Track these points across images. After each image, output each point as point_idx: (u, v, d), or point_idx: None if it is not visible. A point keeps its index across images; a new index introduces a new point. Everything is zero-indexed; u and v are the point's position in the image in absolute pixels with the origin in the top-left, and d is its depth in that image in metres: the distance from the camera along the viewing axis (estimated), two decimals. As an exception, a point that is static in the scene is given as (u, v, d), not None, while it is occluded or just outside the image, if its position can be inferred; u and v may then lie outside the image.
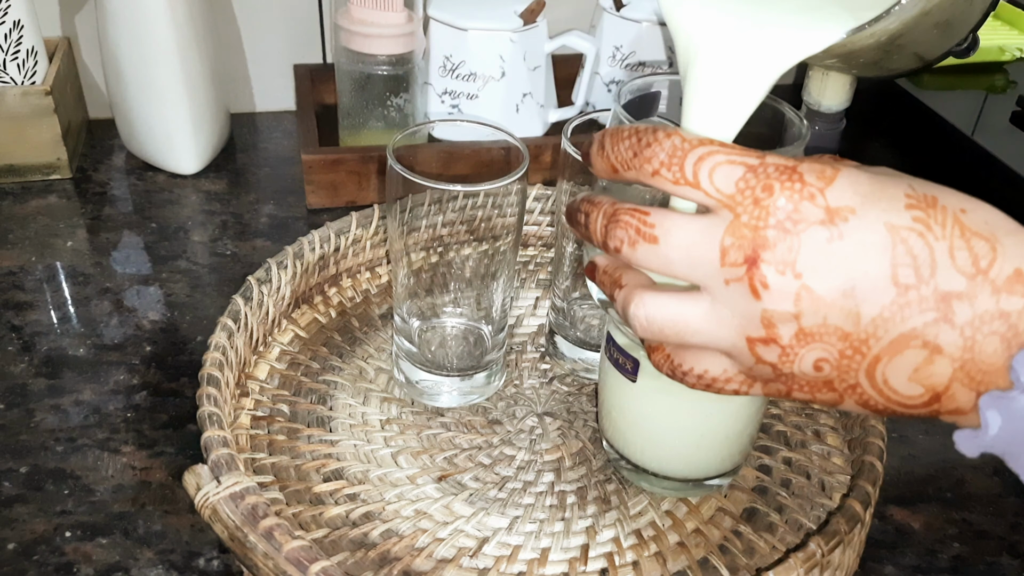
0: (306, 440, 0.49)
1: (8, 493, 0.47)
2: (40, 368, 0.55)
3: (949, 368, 0.29)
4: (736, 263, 0.30)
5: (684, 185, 0.31)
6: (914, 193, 0.30)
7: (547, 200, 0.65)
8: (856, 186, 0.30)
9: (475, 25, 0.72)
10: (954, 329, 0.29)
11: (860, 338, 0.30)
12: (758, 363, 0.32)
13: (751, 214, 0.30)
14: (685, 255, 0.31)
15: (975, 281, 0.29)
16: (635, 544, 0.45)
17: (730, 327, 0.31)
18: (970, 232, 0.29)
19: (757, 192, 0.30)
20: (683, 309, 0.32)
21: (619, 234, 0.33)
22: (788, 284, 0.29)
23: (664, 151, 0.31)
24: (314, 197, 0.70)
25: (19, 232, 0.66)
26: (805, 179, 0.30)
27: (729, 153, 0.31)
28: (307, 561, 0.36)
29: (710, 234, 0.31)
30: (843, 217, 0.29)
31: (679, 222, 0.31)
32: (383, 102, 0.71)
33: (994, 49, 0.88)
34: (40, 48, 0.71)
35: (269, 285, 0.53)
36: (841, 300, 0.29)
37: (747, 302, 0.30)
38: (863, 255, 0.29)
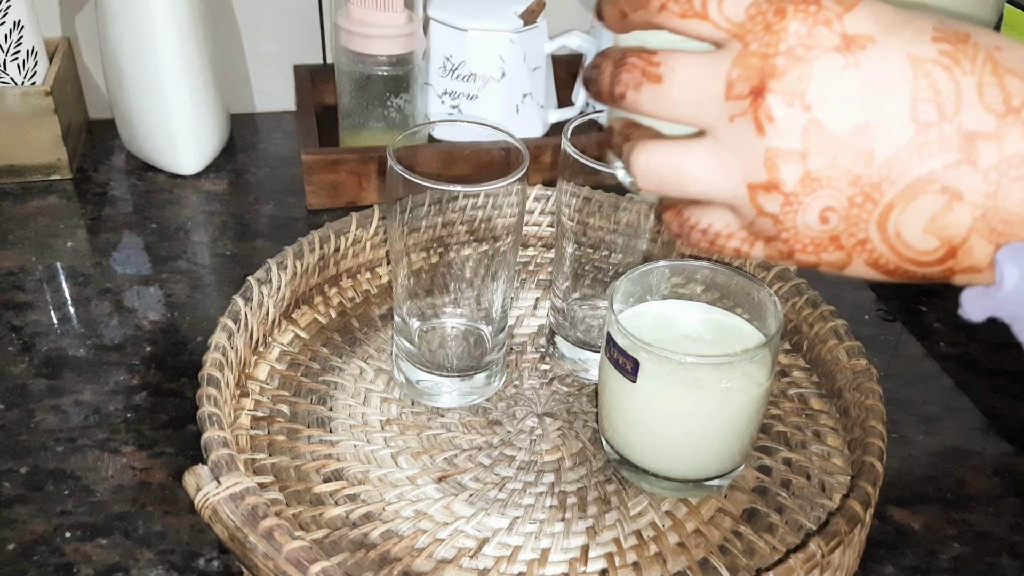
0: (306, 441, 0.49)
1: (8, 493, 0.47)
2: (40, 368, 0.55)
3: (969, 216, 0.27)
4: (741, 95, 0.28)
5: (692, 17, 0.29)
6: (943, 27, 0.27)
7: (547, 200, 0.65)
8: (878, 15, 0.27)
9: (475, 26, 0.72)
10: (977, 172, 0.26)
11: (872, 182, 0.27)
12: (760, 215, 0.29)
13: (761, 41, 0.27)
14: (691, 94, 0.29)
15: (1005, 120, 0.26)
16: (635, 544, 0.45)
17: (732, 172, 0.29)
18: (1003, 69, 0.26)
19: (769, 17, 0.27)
20: (684, 154, 0.30)
21: (624, 77, 0.30)
22: (796, 117, 0.27)
23: None
24: (314, 197, 0.70)
25: (19, 232, 0.66)
26: (823, 2, 0.27)
27: None
28: (307, 561, 0.36)
29: (717, 68, 0.28)
30: (861, 45, 0.27)
31: (685, 58, 0.29)
32: (383, 102, 0.71)
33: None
34: (40, 48, 0.71)
35: (269, 285, 0.53)
36: (854, 137, 0.27)
37: (751, 139, 0.28)
38: (881, 87, 0.27)
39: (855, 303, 0.65)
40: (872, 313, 0.64)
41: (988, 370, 0.60)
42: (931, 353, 0.61)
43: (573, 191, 0.52)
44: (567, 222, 0.54)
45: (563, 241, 0.55)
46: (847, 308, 0.64)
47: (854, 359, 0.51)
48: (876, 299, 0.66)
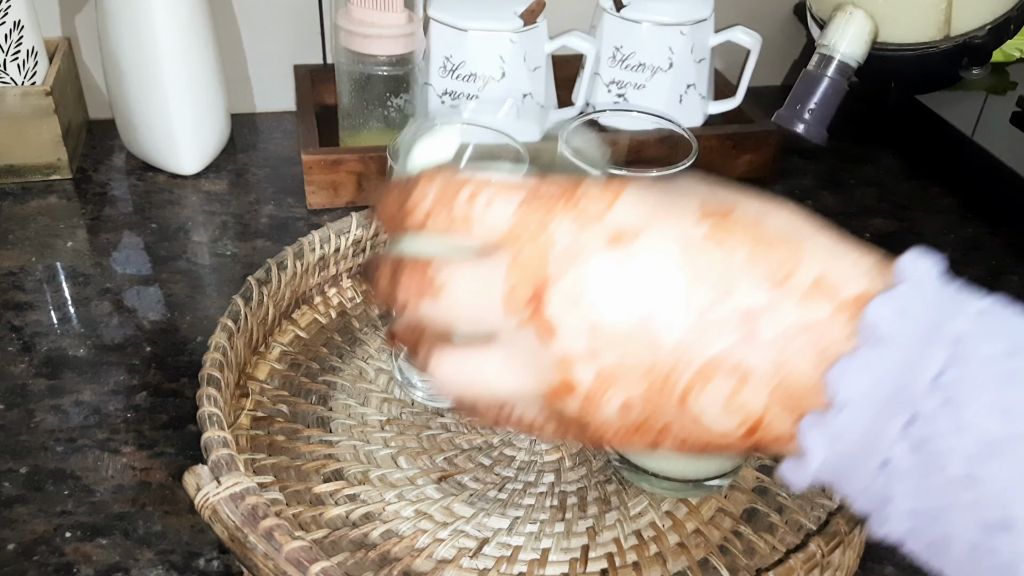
0: (306, 441, 0.49)
1: (8, 493, 0.47)
2: (40, 368, 0.55)
3: (763, 391, 0.26)
4: (520, 305, 0.27)
5: (459, 226, 0.28)
6: (709, 203, 0.27)
7: (547, 200, 0.65)
8: (643, 203, 0.27)
9: (475, 26, 0.72)
10: (761, 348, 0.26)
11: (665, 370, 0.27)
12: (557, 419, 0.29)
13: (531, 248, 0.27)
14: (469, 304, 0.28)
15: (777, 292, 0.26)
16: (635, 545, 0.45)
17: (528, 377, 0.28)
18: (767, 240, 0.27)
19: (535, 223, 0.27)
20: (480, 364, 0.29)
21: (403, 290, 0.30)
22: (578, 320, 0.27)
23: (431, 193, 0.29)
24: (314, 197, 0.70)
25: (19, 232, 0.66)
26: (585, 202, 0.27)
27: (501, 185, 0.28)
28: (307, 561, 0.36)
29: (492, 276, 0.28)
30: (629, 239, 0.27)
31: (460, 269, 0.28)
32: (383, 103, 0.71)
33: (994, 49, 0.88)
34: (40, 48, 0.71)
35: (269, 286, 0.53)
36: (638, 330, 0.26)
37: (538, 348, 0.27)
38: (655, 278, 0.26)
39: (855, 303, 0.65)
40: (872, 313, 0.64)
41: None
42: (931, 353, 0.61)
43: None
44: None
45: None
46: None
47: (854, 359, 0.51)
48: (876, 299, 0.65)
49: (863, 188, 0.78)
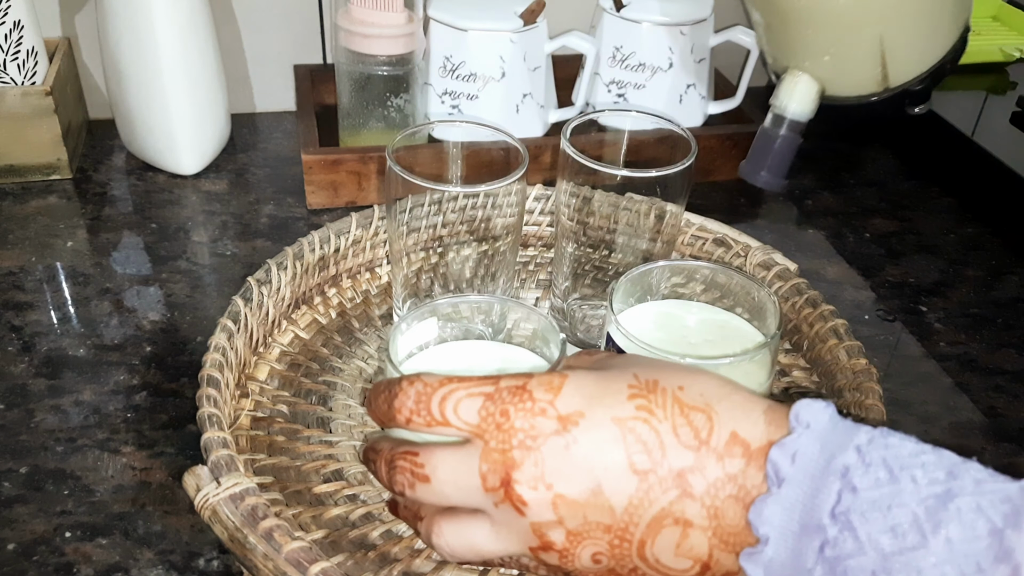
0: (306, 441, 0.49)
1: (8, 493, 0.47)
2: (40, 368, 0.55)
3: (704, 538, 0.31)
4: (494, 487, 0.33)
5: (437, 425, 0.34)
6: (636, 382, 0.33)
7: (547, 200, 0.65)
8: (582, 389, 0.33)
9: (475, 25, 0.72)
10: (695, 501, 0.31)
11: (621, 527, 0.32)
12: (544, 566, 0.34)
13: (496, 439, 0.33)
14: (455, 487, 0.34)
15: (700, 452, 0.31)
16: (635, 545, 0.45)
17: (513, 541, 0.34)
18: (687, 407, 0.32)
19: (497, 418, 0.33)
20: (473, 534, 0.34)
21: (399, 479, 0.35)
22: (542, 496, 0.32)
23: (410, 398, 0.34)
24: (314, 197, 0.70)
25: (19, 232, 0.66)
26: (535, 395, 0.33)
27: (467, 387, 0.34)
28: (307, 562, 0.36)
29: (469, 464, 0.33)
30: (574, 422, 0.32)
31: (442, 457, 0.34)
32: (383, 102, 0.71)
33: (994, 50, 0.88)
34: (40, 48, 0.71)
35: (269, 286, 0.53)
36: (592, 498, 0.32)
37: (516, 519, 0.33)
38: (599, 452, 0.32)
39: (855, 303, 0.65)
40: (872, 313, 0.64)
41: (988, 370, 0.60)
42: (931, 353, 0.61)
43: (573, 191, 0.52)
44: (567, 222, 0.54)
45: (563, 241, 0.55)
46: (847, 308, 0.64)
47: (854, 359, 0.51)
48: (876, 299, 0.66)
49: (863, 188, 0.78)
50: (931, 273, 0.69)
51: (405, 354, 0.45)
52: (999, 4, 0.95)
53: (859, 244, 0.71)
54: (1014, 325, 0.64)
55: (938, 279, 0.68)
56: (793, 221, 0.74)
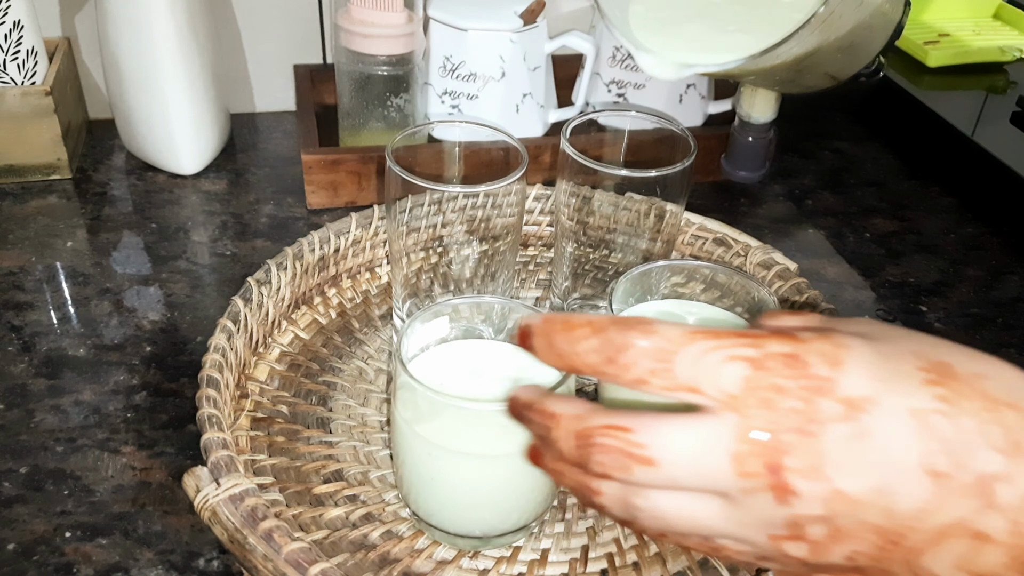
0: (306, 441, 0.49)
1: (8, 493, 0.47)
2: (40, 368, 0.55)
3: (998, 556, 0.27)
4: (755, 472, 0.27)
5: (680, 391, 0.28)
6: (927, 365, 0.28)
7: (547, 200, 0.65)
8: (869, 368, 0.28)
9: (475, 25, 0.72)
10: (998, 513, 0.26)
11: (896, 531, 0.27)
12: (782, 555, 0.29)
13: (763, 418, 0.27)
14: (692, 471, 0.28)
15: (1013, 459, 0.27)
16: (635, 545, 0.45)
17: (751, 527, 0.29)
18: (997, 403, 0.27)
19: (766, 393, 0.27)
20: (697, 508, 0.29)
21: (603, 459, 0.29)
22: (818, 489, 0.27)
23: (647, 357, 0.28)
24: (314, 197, 0.70)
25: (19, 232, 0.66)
26: (814, 370, 0.27)
27: (725, 346, 0.28)
28: (306, 563, 0.36)
29: (717, 443, 0.28)
30: (863, 408, 0.27)
31: (674, 435, 0.28)
32: (383, 102, 0.71)
33: (994, 49, 0.88)
34: (40, 48, 0.71)
35: (269, 286, 0.53)
36: (875, 497, 0.27)
37: (771, 508, 0.28)
38: (891, 448, 0.27)
39: (855, 303, 0.65)
40: (872, 313, 0.64)
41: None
42: (931, 353, 0.61)
43: (572, 191, 0.52)
44: (567, 222, 0.54)
45: (563, 241, 0.55)
46: (847, 308, 0.64)
47: (854, 359, 0.51)
48: (876, 299, 0.66)
49: (863, 188, 0.78)
50: (931, 273, 0.69)
51: (413, 355, 0.45)
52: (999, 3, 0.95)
53: (859, 244, 0.71)
54: (1014, 325, 0.64)
55: (938, 279, 0.68)
56: (793, 221, 0.74)
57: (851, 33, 0.52)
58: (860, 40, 0.59)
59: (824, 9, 0.44)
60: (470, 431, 0.40)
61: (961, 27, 0.92)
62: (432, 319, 0.45)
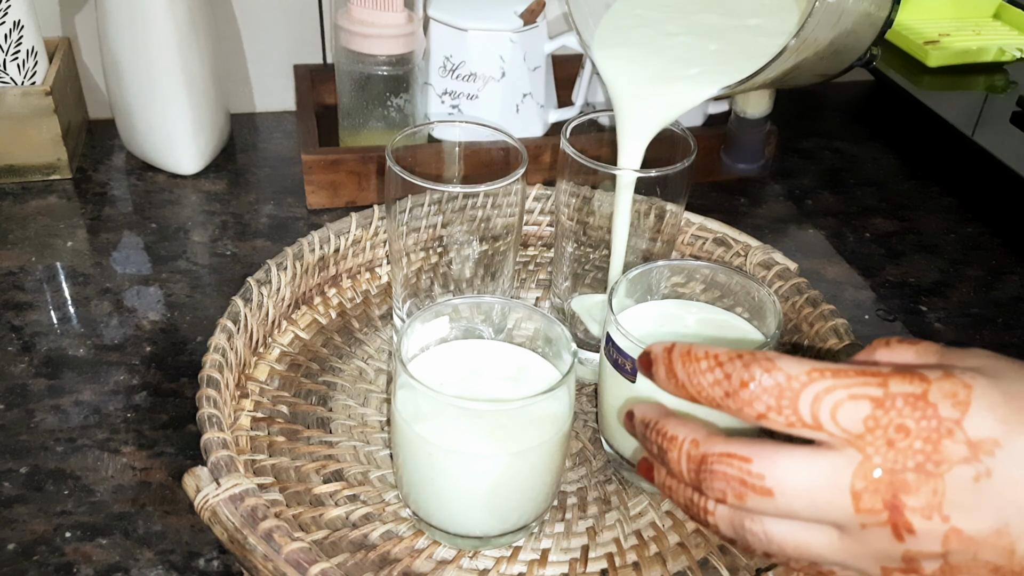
0: (306, 441, 0.49)
1: (8, 493, 0.47)
2: (40, 368, 0.55)
3: None
4: (874, 509, 0.28)
5: (801, 427, 0.29)
6: None
7: (547, 200, 0.65)
8: (993, 409, 0.28)
9: (475, 25, 0.71)
10: None
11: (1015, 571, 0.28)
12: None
13: (885, 456, 0.28)
14: (808, 503, 0.29)
15: None
16: (635, 545, 0.45)
17: (863, 557, 0.29)
18: None
19: (890, 433, 0.28)
20: (811, 538, 0.30)
21: (719, 486, 0.30)
22: (935, 528, 0.28)
23: (769, 393, 0.29)
24: (314, 197, 0.70)
25: (19, 232, 0.66)
26: (940, 412, 0.28)
27: (848, 385, 0.28)
28: (307, 563, 0.36)
29: (836, 478, 0.28)
30: (988, 451, 0.27)
31: (793, 468, 0.29)
32: (383, 102, 0.71)
33: (994, 49, 0.88)
34: (40, 48, 0.71)
35: (269, 286, 0.53)
36: (994, 538, 0.28)
37: (887, 543, 0.28)
38: (1014, 490, 0.27)
39: (855, 303, 0.65)
40: (872, 313, 0.64)
41: (988, 370, 0.59)
42: (931, 353, 0.61)
43: (572, 191, 0.52)
44: (566, 222, 0.54)
45: (563, 241, 0.54)
46: (847, 308, 0.64)
47: (854, 359, 0.51)
48: (876, 299, 0.65)
49: (863, 188, 0.78)
50: (931, 273, 0.68)
51: (413, 355, 0.45)
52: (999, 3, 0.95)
53: (859, 244, 0.71)
54: (1014, 325, 0.64)
55: (938, 279, 0.68)
56: (793, 221, 0.74)
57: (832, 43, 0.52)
58: (844, 46, 0.59)
59: (795, 41, 0.44)
60: (470, 431, 0.40)
61: (961, 27, 0.92)
62: (432, 319, 0.45)
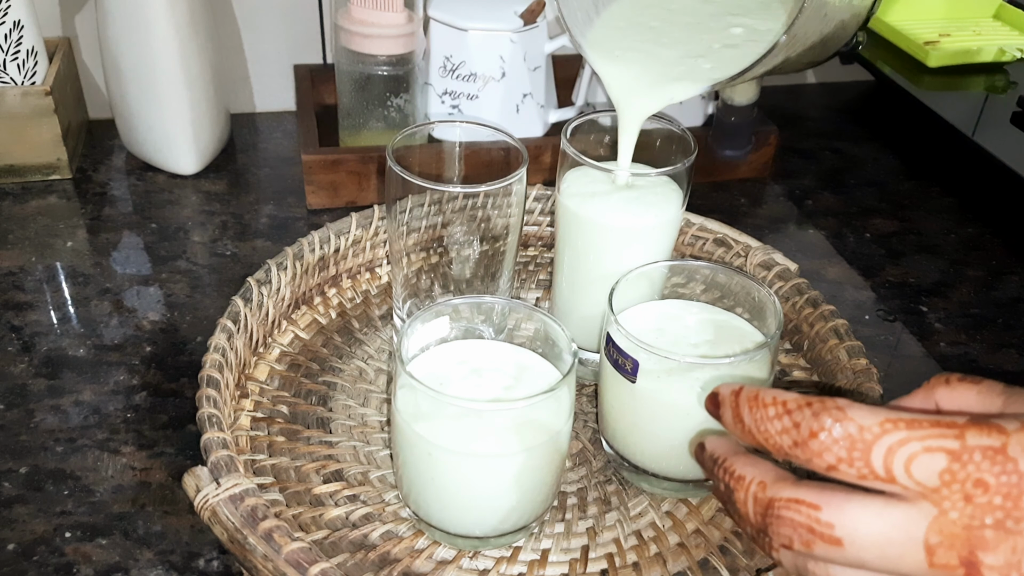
0: (306, 441, 0.49)
1: (8, 493, 0.47)
2: (40, 368, 0.55)
3: None
4: (949, 565, 0.27)
5: (874, 480, 0.28)
6: None
7: (547, 200, 0.65)
8: None
9: (475, 25, 0.71)
10: None
11: None
12: None
13: (962, 511, 0.27)
14: (879, 554, 0.28)
15: None
16: (636, 545, 0.45)
17: None
18: None
19: (968, 488, 0.27)
20: None
21: (787, 532, 0.29)
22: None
23: (840, 445, 0.28)
24: (314, 197, 0.70)
25: (19, 232, 0.66)
26: (1020, 466, 0.27)
27: (922, 437, 0.27)
28: (306, 563, 0.36)
29: (910, 531, 0.27)
30: None
31: (865, 519, 0.28)
32: (383, 102, 0.71)
33: (994, 49, 0.88)
34: (40, 48, 0.71)
35: (269, 286, 0.53)
36: None
37: None
38: None
39: (855, 303, 0.65)
40: (872, 313, 0.64)
41: (988, 370, 0.59)
42: (931, 353, 0.61)
43: (573, 191, 0.52)
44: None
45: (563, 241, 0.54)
46: (847, 308, 0.64)
47: (854, 359, 0.51)
48: (876, 299, 0.65)
49: (863, 188, 0.78)
50: (931, 273, 0.68)
51: (413, 355, 0.45)
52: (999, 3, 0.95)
53: (859, 244, 0.71)
54: (1014, 325, 0.64)
55: (938, 279, 0.68)
56: (793, 221, 0.74)
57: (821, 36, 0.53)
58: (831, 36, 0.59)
59: (785, 38, 0.44)
60: (470, 431, 0.40)
61: (961, 27, 0.92)
62: (432, 319, 0.45)
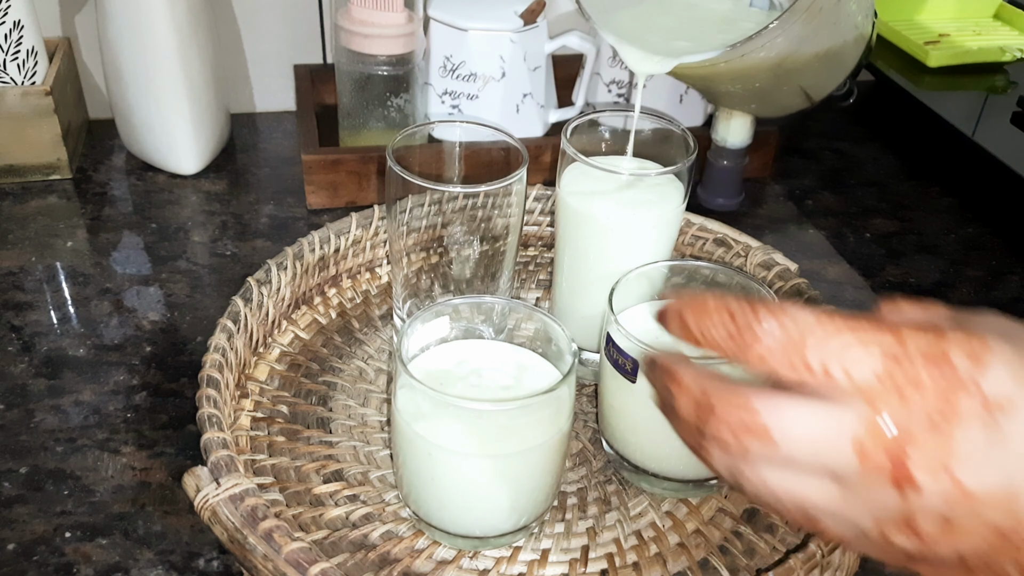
0: (306, 441, 0.49)
1: (8, 493, 0.47)
2: (40, 368, 0.55)
3: None
4: (878, 461, 0.27)
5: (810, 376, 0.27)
6: None
7: (547, 200, 0.65)
8: (1010, 368, 0.27)
9: (475, 25, 0.71)
10: None
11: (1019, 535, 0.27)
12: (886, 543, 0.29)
13: (894, 409, 0.27)
14: (810, 451, 0.28)
15: None
16: (636, 545, 0.45)
17: (858, 511, 0.28)
18: None
19: (903, 387, 0.27)
20: (808, 489, 0.29)
21: (724, 435, 0.29)
22: (940, 484, 0.27)
23: (777, 340, 0.28)
24: (314, 197, 0.70)
25: (19, 232, 0.66)
26: (957, 369, 0.27)
27: (861, 337, 0.27)
28: (306, 563, 0.36)
29: (840, 429, 0.27)
30: (1000, 408, 0.26)
31: (799, 419, 0.28)
32: (383, 102, 0.71)
33: (994, 49, 0.88)
34: (40, 48, 0.71)
35: (269, 286, 0.53)
36: (999, 498, 0.27)
37: (887, 497, 0.27)
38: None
39: (855, 303, 0.65)
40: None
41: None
42: (931, 353, 0.61)
43: (573, 191, 0.52)
44: (567, 222, 0.54)
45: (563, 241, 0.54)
46: (847, 308, 0.64)
47: (854, 359, 0.51)
48: (876, 299, 0.65)
49: (863, 188, 0.78)
50: (931, 273, 0.68)
51: (413, 355, 0.45)
52: (999, 3, 0.95)
53: (859, 244, 0.71)
54: (1014, 325, 0.64)
55: (938, 279, 0.68)
56: (793, 221, 0.74)
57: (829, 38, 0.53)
58: (835, 50, 0.60)
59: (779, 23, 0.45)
60: (470, 431, 0.40)
61: (961, 27, 0.92)
62: (432, 319, 0.45)
